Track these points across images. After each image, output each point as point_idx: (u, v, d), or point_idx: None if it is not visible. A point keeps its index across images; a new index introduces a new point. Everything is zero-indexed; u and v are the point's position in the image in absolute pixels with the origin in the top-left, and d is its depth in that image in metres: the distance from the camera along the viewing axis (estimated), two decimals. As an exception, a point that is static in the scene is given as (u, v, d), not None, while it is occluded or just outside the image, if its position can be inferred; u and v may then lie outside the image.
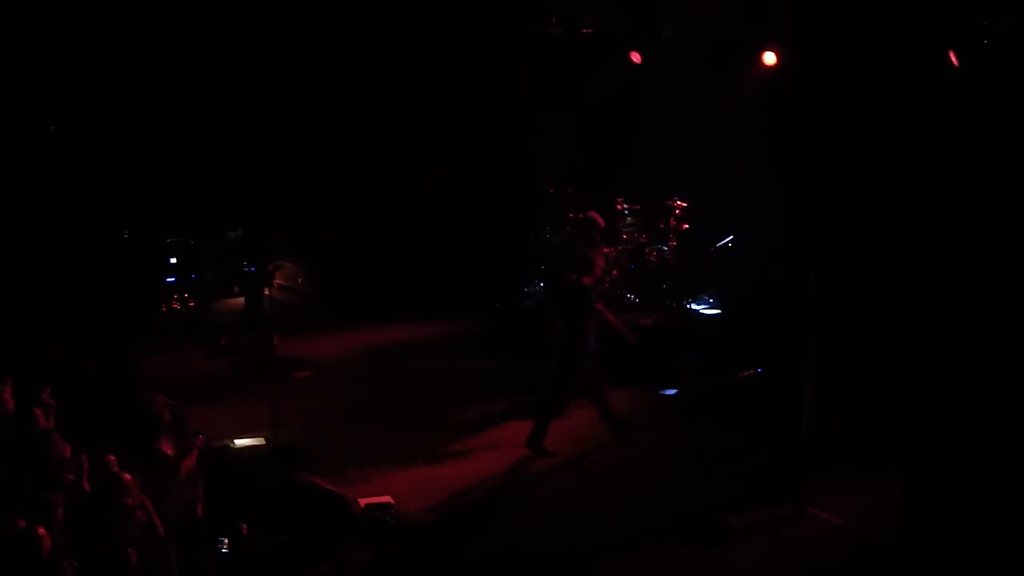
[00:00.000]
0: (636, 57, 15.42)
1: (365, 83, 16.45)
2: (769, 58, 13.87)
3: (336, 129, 16.63)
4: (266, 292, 15.89)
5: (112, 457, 7.80)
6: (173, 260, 16.24)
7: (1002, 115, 11.74)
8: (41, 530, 6.63)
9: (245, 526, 7.94)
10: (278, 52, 16.02)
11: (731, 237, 14.75)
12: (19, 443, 8.19)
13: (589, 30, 15.52)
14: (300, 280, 17.33)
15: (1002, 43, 11.99)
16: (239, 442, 10.94)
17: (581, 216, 15.30)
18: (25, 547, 6.57)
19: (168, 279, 16.16)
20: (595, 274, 11.12)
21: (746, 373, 12.61)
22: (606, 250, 15.25)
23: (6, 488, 7.47)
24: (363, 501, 9.53)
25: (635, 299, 15.06)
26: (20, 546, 6.57)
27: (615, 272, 15.19)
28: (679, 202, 15.25)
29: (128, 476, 7.45)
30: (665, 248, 15.09)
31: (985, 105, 11.87)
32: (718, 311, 14.52)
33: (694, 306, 14.74)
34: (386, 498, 9.68)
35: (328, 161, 16.65)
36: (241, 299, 16.13)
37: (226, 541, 7.76)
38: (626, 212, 15.75)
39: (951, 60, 12.05)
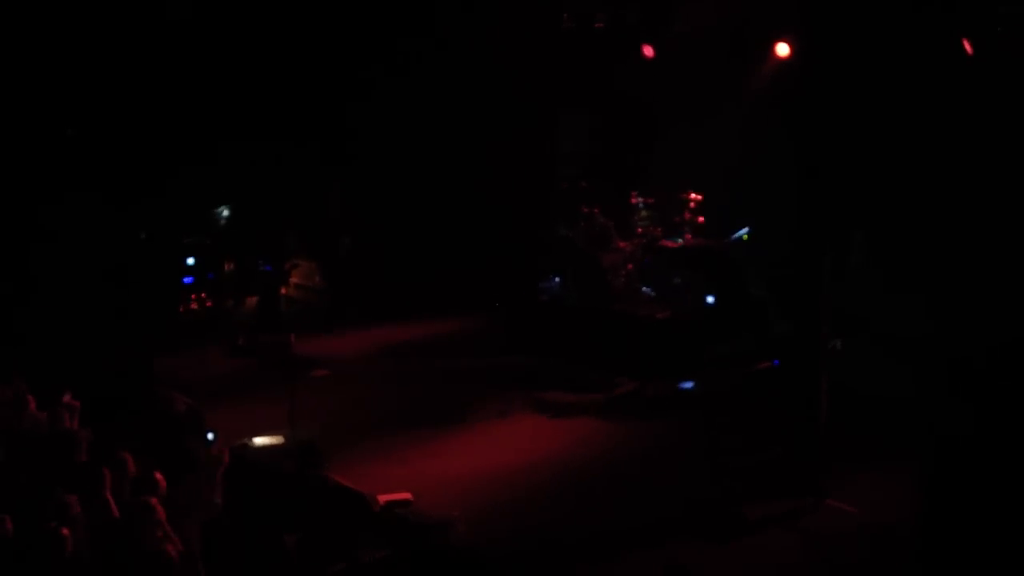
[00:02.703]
0: (649, 51, 15.38)
1: (379, 80, 16.46)
2: (782, 49, 13.82)
3: (350, 128, 16.66)
4: (282, 291, 15.96)
5: (129, 456, 7.86)
6: (190, 260, 16.30)
7: (1016, 102, 11.68)
8: (65, 530, 6.68)
9: (267, 527, 7.99)
10: (292, 51, 16.05)
11: (746, 229, 14.71)
12: (45, 444, 8.26)
13: (601, 25, 15.48)
14: (316, 278, 17.39)
15: (1016, 30, 11.92)
16: (258, 441, 11.00)
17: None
18: (48, 547, 6.63)
19: (186, 279, 16.23)
20: None
21: (763, 365, 12.62)
22: (621, 244, 15.31)
23: (31, 488, 7.54)
24: (382, 498, 9.57)
25: (651, 292, 15.05)
26: (43, 546, 6.64)
27: (630, 266, 15.20)
28: (694, 195, 15.22)
29: (159, 474, 7.51)
30: (680, 241, 15.07)
31: (999, 92, 11.81)
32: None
33: (709, 299, 14.70)
34: (405, 495, 9.73)
35: (344, 160, 16.69)
36: (257, 298, 16.19)
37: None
38: (641, 206, 15.73)
39: (965, 48, 11.99)
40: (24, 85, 14.56)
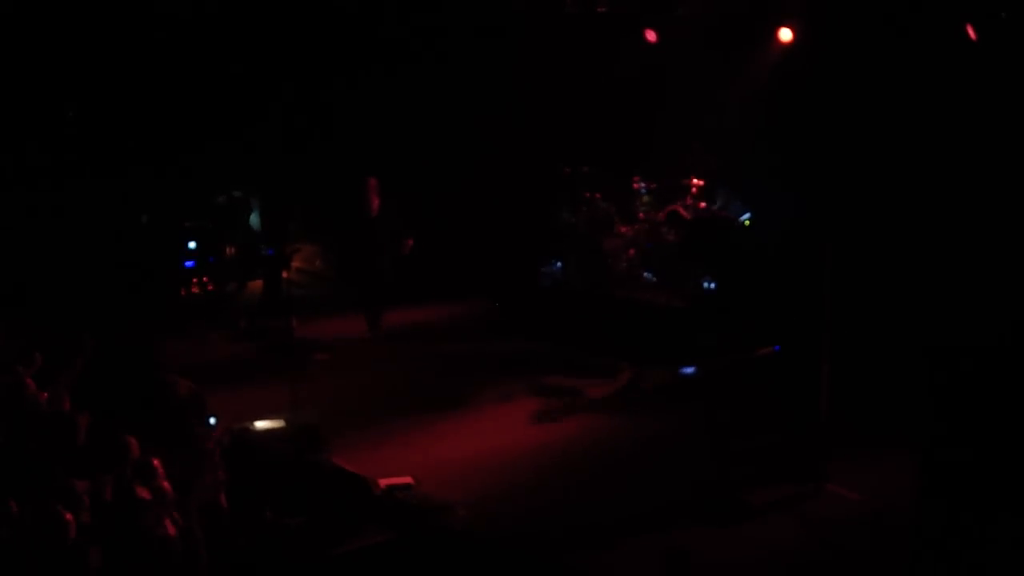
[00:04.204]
0: (651, 35, 15.34)
1: (379, 63, 16.42)
2: (785, 34, 13.80)
3: (351, 111, 16.62)
4: (284, 275, 15.93)
5: (133, 440, 7.86)
6: (192, 244, 16.31)
7: (1020, 89, 11.63)
8: (68, 515, 6.69)
9: (269, 510, 8.01)
10: (291, 32, 16.02)
11: (747, 215, 14.68)
12: (44, 426, 8.27)
13: (604, 8, 15.43)
14: (318, 262, 17.38)
15: (1021, 16, 11.88)
16: (259, 424, 11.01)
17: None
18: (51, 532, 6.64)
19: (187, 263, 16.25)
20: None
21: (764, 350, 12.60)
22: (623, 229, 15.30)
23: (33, 472, 7.54)
24: (383, 482, 9.58)
25: (653, 278, 15.05)
26: (46, 531, 6.64)
27: (632, 251, 15.19)
28: (696, 180, 15.19)
29: (156, 461, 7.52)
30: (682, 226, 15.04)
31: (1003, 79, 11.77)
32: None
33: (710, 285, 14.71)
34: (406, 479, 9.74)
35: (343, 143, 16.66)
36: (259, 282, 16.19)
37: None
38: (643, 191, 15.71)
39: (969, 34, 11.95)
40: (25, 65, 14.56)
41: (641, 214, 15.57)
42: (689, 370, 12.77)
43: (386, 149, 16.37)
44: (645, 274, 15.11)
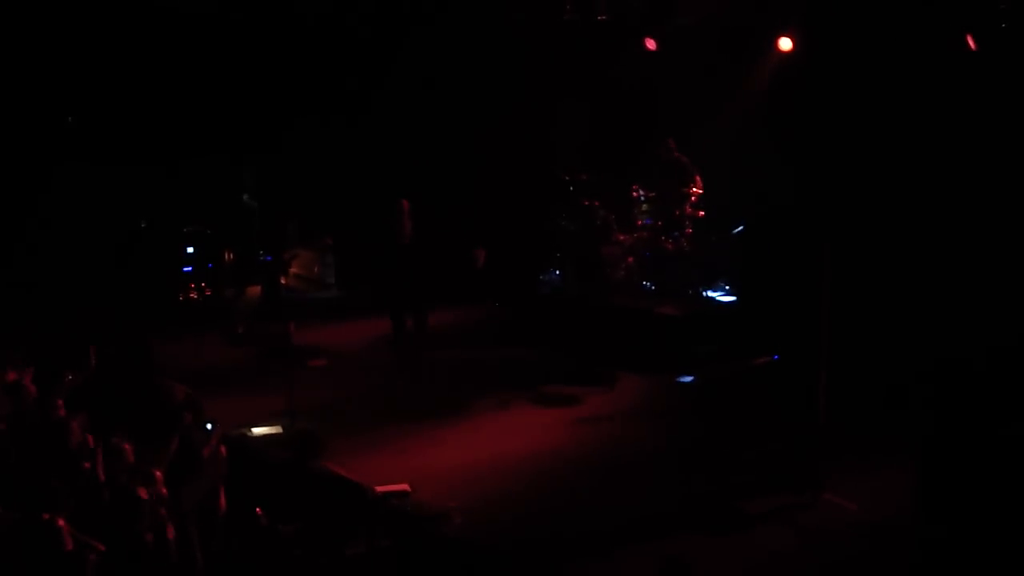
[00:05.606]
0: (651, 44, 15.36)
1: (379, 70, 16.43)
2: (785, 44, 13.82)
3: (350, 118, 16.64)
4: (282, 280, 15.96)
5: (128, 446, 7.85)
6: (190, 249, 16.33)
7: (1019, 98, 11.65)
8: (61, 522, 6.67)
9: (263, 515, 7.99)
10: (294, 41, 16.04)
11: (742, 226, 14.69)
12: (41, 432, 8.25)
13: (604, 16, 15.45)
14: (316, 268, 17.37)
15: (1021, 26, 11.90)
16: (256, 430, 11.00)
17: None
18: (47, 540, 6.62)
19: (185, 268, 16.26)
20: None
21: (762, 359, 12.61)
22: (621, 237, 15.29)
23: (28, 478, 7.53)
24: (380, 489, 9.56)
25: (651, 286, 15.05)
26: (43, 539, 6.63)
27: (630, 259, 15.19)
28: (695, 189, 15.20)
29: (158, 472, 7.51)
30: (680, 235, 15.06)
31: (1003, 88, 11.79)
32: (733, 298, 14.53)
33: (710, 293, 14.73)
34: (403, 486, 9.71)
35: (344, 148, 16.67)
36: (257, 288, 16.20)
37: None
38: (642, 199, 15.71)
39: (968, 44, 11.97)
40: (26, 73, 14.58)
41: (640, 222, 15.57)
42: (687, 379, 12.77)
43: (389, 157, 16.40)
44: (643, 282, 15.11)
